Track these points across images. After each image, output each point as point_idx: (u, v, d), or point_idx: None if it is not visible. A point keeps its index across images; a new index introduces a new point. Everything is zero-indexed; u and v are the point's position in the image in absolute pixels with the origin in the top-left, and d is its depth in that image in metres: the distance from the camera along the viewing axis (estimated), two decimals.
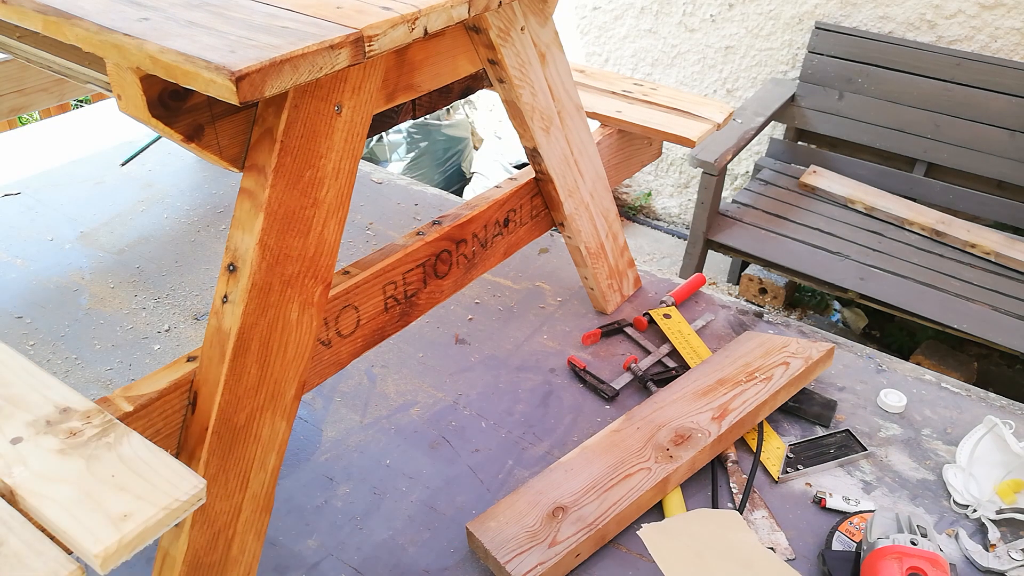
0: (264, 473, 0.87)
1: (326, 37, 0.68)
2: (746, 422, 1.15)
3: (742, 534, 0.96)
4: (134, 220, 1.75)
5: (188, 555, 0.81)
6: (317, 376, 0.97)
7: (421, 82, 0.97)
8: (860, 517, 1.06)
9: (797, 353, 1.25)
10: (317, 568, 1.02)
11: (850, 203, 2.66)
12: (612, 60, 3.75)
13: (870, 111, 2.69)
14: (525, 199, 1.25)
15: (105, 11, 0.70)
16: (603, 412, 1.26)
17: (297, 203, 0.80)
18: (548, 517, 1.02)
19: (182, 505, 0.58)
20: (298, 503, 1.11)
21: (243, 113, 0.77)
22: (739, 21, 3.31)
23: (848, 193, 2.67)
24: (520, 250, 1.31)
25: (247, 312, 0.79)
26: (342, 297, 0.97)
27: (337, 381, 1.32)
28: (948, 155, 2.61)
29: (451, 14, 0.81)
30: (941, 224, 2.56)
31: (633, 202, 4.00)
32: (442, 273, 1.13)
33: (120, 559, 0.54)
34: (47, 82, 1.60)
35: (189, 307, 1.49)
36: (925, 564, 0.89)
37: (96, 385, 1.31)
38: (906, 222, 2.58)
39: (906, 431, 1.23)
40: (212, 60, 0.62)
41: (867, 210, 2.63)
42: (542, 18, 1.07)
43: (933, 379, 1.33)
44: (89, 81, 0.91)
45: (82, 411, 0.65)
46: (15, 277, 1.56)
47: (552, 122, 1.17)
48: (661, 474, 1.06)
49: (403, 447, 1.20)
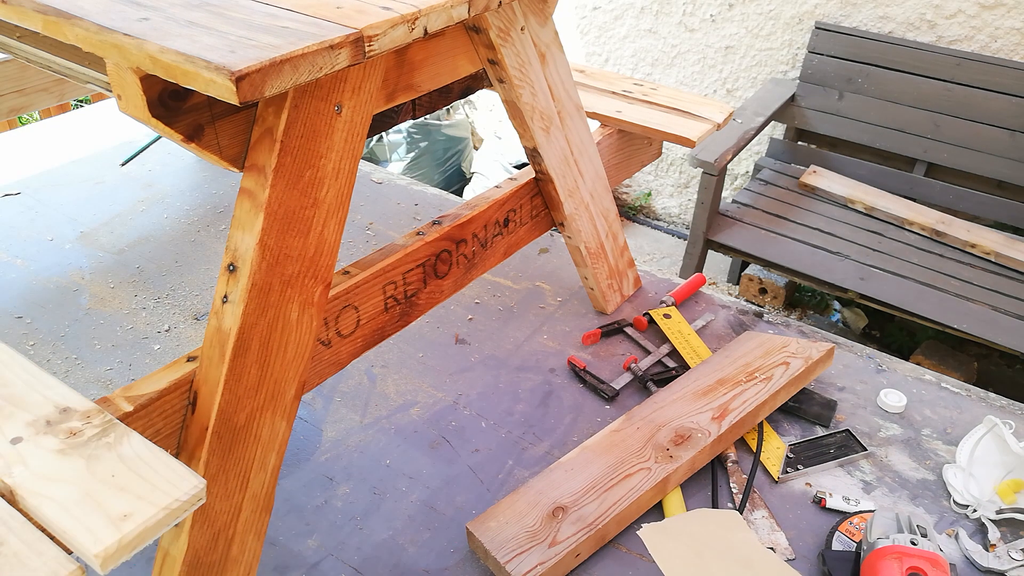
0: (264, 473, 0.87)
1: (326, 37, 0.68)
2: (746, 422, 1.15)
3: (742, 534, 0.96)
4: (134, 220, 1.75)
5: (188, 555, 0.81)
6: (317, 376, 0.97)
7: (421, 82, 0.97)
8: (860, 517, 1.06)
9: (797, 353, 1.25)
10: (317, 568, 1.02)
11: (850, 203, 2.66)
12: (612, 60, 3.74)
13: (870, 111, 2.69)
14: (525, 199, 1.25)
15: (105, 11, 0.70)
16: (603, 412, 1.26)
17: (297, 203, 0.80)
18: (548, 517, 1.02)
19: (182, 505, 0.58)
20: (298, 503, 1.11)
21: (243, 113, 0.77)
22: (739, 21, 3.31)
23: (848, 193, 2.67)
24: (520, 250, 1.31)
25: (247, 312, 0.79)
26: (342, 297, 0.97)
27: (337, 381, 1.32)
28: (948, 155, 2.61)
29: (451, 14, 0.81)
30: (941, 224, 2.56)
31: (633, 202, 4.00)
32: (442, 273, 1.13)
33: (120, 559, 0.54)
34: (47, 82, 1.60)
35: (189, 307, 1.49)
36: (925, 564, 0.89)
37: (96, 385, 1.31)
38: (906, 222, 2.58)
39: (906, 431, 1.23)
40: (212, 60, 0.62)
41: (867, 210, 2.63)
42: (542, 18, 1.07)
43: (933, 379, 1.33)
44: (89, 81, 0.91)
45: (82, 411, 0.65)
46: (15, 277, 1.56)
47: (552, 122, 1.17)
48: (661, 474, 1.06)
49: (403, 447, 1.20)
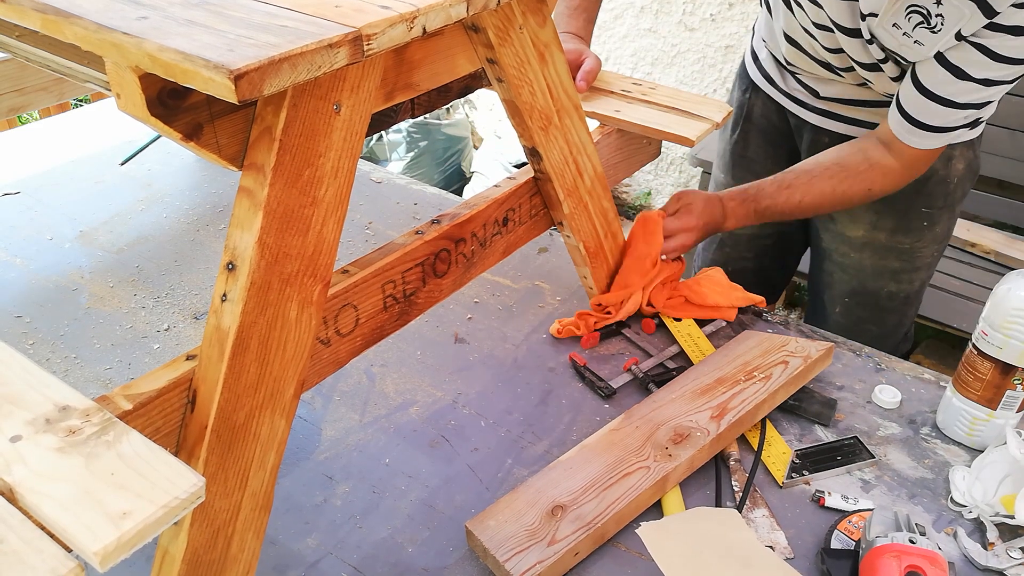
0: (263, 471, 0.88)
1: (324, 36, 0.68)
2: (745, 421, 1.15)
3: (741, 533, 0.96)
4: (133, 219, 1.75)
5: (187, 553, 0.81)
6: (316, 375, 0.97)
7: (420, 81, 0.97)
8: (859, 515, 1.07)
9: (796, 352, 1.25)
10: (316, 567, 1.03)
11: None
12: (612, 59, 3.74)
13: None
14: (524, 198, 1.26)
15: (104, 10, 0.70)
16: (602, 411, 1.26)
17: (296, 202, 0.80)
18: (547, 516, 1.02)
19: (181, 503, 0.58)
20: (297, 502, 1.11)
21: (242, 112, 0.77)
22: (739, 20, 3.31)
23: None
24: (519, 249, 1.31)
25: (246, 311, 0.79)
26: (341, 296, 0.97)
27: (336, 380, 1.32)
28: None
29: (449, 13, 0.81)
30: None
31: (633, 201, 4.00)
32: (441, 272, 1.13)
33: (119, 557, 0.54)
34: (46, 81, 1.60)
35: (189, 306, 1.50)
36: (923, 562, 0.89)
37: (95, 384, 1.31)
38: None
39: (905, 430, 1.23)
40: (211, 59, 0.62)
41: None
42: (541, 18, 1.07)
43: (932, 378, 1.33)
44: (88, 80, 0.91)
45: (81, 409, 0.65)
46: (14, 276, 1.56)
47: (551, 121, 1.17)
48: (660, 473, 1.06)
49: (402, 446, 1.20)
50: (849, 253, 1.65)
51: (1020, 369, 1.10)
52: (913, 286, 1.66)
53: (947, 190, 1.53)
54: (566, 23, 1.60)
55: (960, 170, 1.52)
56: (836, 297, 1.72)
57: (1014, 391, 1.12)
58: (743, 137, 1.76)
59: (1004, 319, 1.08)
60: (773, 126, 1.70)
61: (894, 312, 1.69)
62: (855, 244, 1.63)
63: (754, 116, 1.72)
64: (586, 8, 1.61)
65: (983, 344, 1.12)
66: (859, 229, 1.61)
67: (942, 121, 1.25)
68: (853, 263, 1.66)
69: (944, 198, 1.54)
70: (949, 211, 1.57)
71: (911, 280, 1.65)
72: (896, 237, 1.58)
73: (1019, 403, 1.14)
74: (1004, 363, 1.10)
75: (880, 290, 1.66)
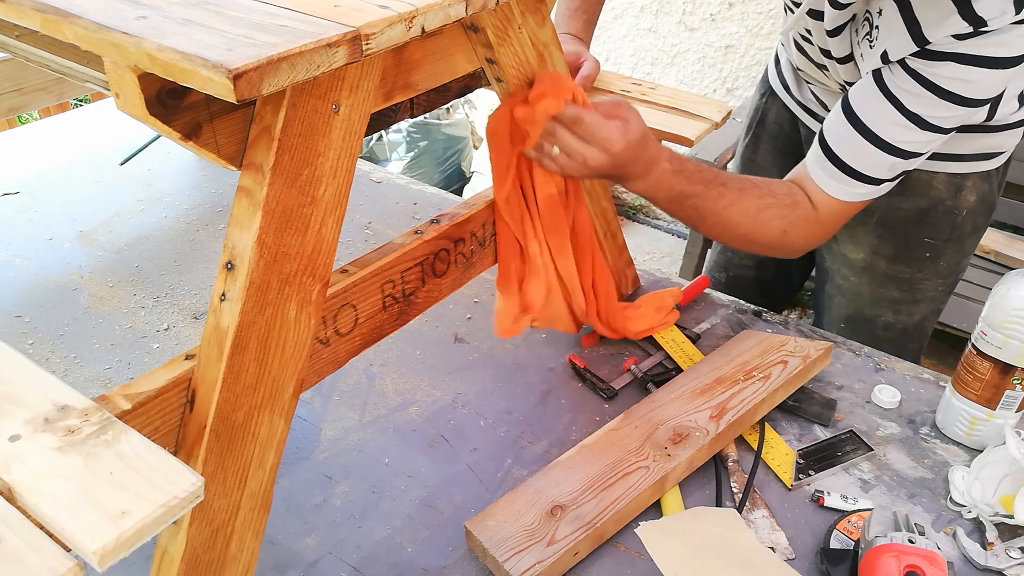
0: (263, 471, 0.88)
1: (323, 35, 0.68)
2: (744, 420, 1.15)
3: (740, 533, 0.96)
4: (133, 219, 1.75)
5: (186, 552, 0.81)
6: (315, 374, 0.97)
7: (419, 81, 0.97)
8: (858, 515, 1.07)
9: (795, 351, 1.25)
10: (316, 566, 1.03)
11: None
12: (612, 59, 3.74)
13: None
14: None
15: (103, 9, 0.70)
16: (602, 411, 1.26)
17: (295, 201, 0.80)
18: (546, 516, 1.02)
19: (180, 502, 0.58)
20: (297, 501, 1.11)
21: (241, 111, 0.77)
22: (739, 20, 3.31)
23: None
24: None
25: (245, 310, 0.79)
26: (340, 295, 0.97)
27: (336, 380, 1.32)
28: None
29: (448, 13, 0.81)
30: None
31: (633, 201, 4.00)
32: (440, 272, 1.13)
33: (118, 556, 0.54)
34: (46, 81, 1.60)
35: (188, 306, 1.50)
36: (923, 562, 0.89)
37: (95, 383, 1.31)
38: None
39: (904, 430, 1.23)
40: (210, 58, 0.62)
41: None
42: (540, 18, 1.07)
43: (932, 378, 1.33)
44: (88, 80, 0.91)
45: (80, 409, 0.65)
46: (14, 276, 1.56)
47: None
48: (659, 472, 1.06)
49: (402, 446, 1.20)
50: (849, 276, 1.57)
51: (1019, 369, 1.10)
52: (912, 319, 1.56)
53: (954, 222, 1.40)
54: (566, 24, 1.59)
55: (971, 202, 1.38)
56: (834, 322, 1.65)
57: (1013, 391, 1.12)
58: (754, 141, 1.74)
59: (1003, 319, 1.08)
60: (784, 134, 1.67)
61: (890, 343, 1.58)
62: (855, 267, 1.55)
63: (767, 121, 1.70)
64: (586, 10, 1.61)
65: (982, 344, 1.12)
66: (860, 251, 1.52)
67: (860, 164, 1.12)
68: (852, 287, 1.58)
69: (951, 230, 1.41)
70: (956, 245, 1.44)
71: (910, 312, 1.54)
72: (896, 265, 1.49)
73: (1018, 403, 1.14)
74: (1003, 363, 1.10)
75: (877, 318, 1.58)
